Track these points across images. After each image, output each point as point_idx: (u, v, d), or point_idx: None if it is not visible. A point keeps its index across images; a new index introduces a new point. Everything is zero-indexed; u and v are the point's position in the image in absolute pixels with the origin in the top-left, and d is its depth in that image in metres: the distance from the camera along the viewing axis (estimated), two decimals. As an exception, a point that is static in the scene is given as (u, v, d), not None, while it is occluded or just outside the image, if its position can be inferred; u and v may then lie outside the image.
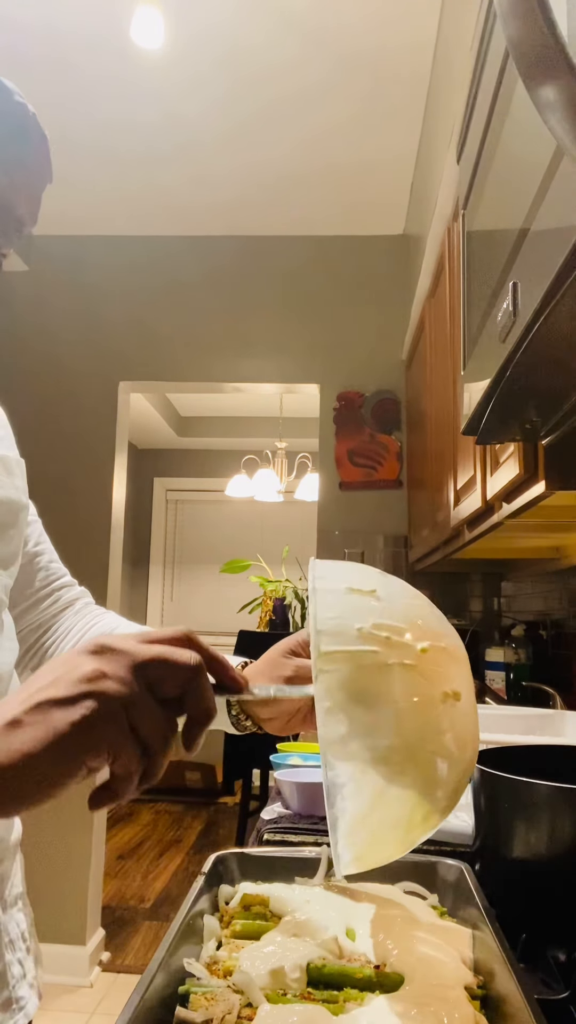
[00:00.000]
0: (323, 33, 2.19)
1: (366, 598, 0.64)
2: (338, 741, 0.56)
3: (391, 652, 0.60)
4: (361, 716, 0.57)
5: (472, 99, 1.00)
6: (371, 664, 0.59)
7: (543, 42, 0.42)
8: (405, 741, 0.57)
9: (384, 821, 0.56)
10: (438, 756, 0.59)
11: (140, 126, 2.64)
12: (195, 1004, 0.62)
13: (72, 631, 0.93)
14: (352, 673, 0.58)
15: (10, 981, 0.77)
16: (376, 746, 0.56)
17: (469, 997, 0.63)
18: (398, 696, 0.59)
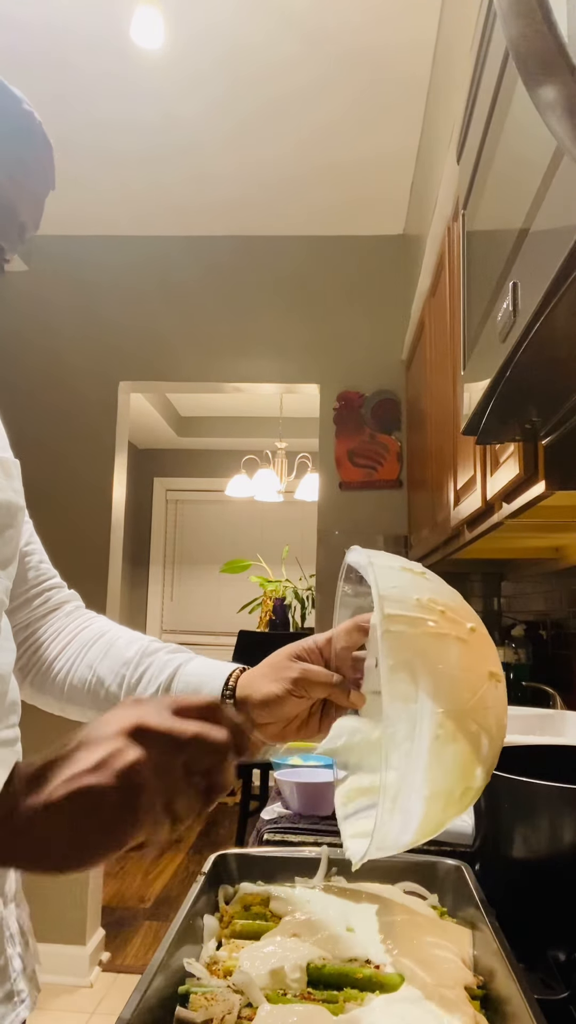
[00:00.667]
0: (323, 32, 2.19)
1: (418, 577, 0.67)
2: (400, 698, 0.57)
3: (447, 624, 0.62)
4: (422, 678, 0.58)
5: (472, 99, 1.00)
6: (431, 632, 0.60)
7: (543, 42, 0.42)
8: (459, 709, 0.58)
9: (434, 789, 0.57)
10: (483, 731, 0.60)
11: (140, 126, 2.64)
12: (195, 1004, 0.62)
13: (62, 633, 0.92)
14: (414, 637, 0.60)
15: (11, 975, 0.78)
16: (434, 711, 0.57)
17: (469, 997, 0.63)
18: (454, 665, 0.60)
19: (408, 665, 0.58)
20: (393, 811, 0.56)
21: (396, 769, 0.56)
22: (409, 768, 0.56)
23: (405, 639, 0.59)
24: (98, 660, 0.87)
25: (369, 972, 0.67)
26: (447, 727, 0.57)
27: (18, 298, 3.32)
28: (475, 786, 0.60)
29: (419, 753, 0.56)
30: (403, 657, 0.58)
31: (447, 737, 0.57)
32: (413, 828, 0.58)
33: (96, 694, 0.85)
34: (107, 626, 0.94)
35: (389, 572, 0.65)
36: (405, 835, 0.59)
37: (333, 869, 0.87)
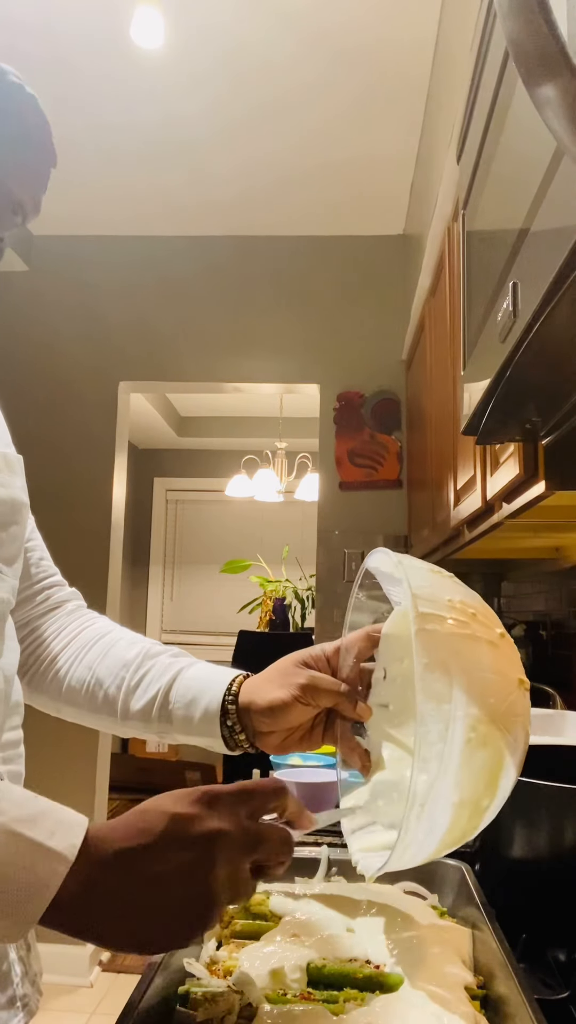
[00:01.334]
0: (322, 32, 2.19)
1: (447, 579, 0.65)
2: (435, 697, 0.55)
3: (479, 627, 0.60)
4: (456, 678, 0.56)
5: (472, 99, 1.00)
6: (463, 633, 0.59)
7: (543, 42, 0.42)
8: (490, 713, 0.57)
9: (463, 796, 0.56)
10: (511, 739, 0.58)
11: (140, 125, 2.64)
12: (195, 1004, 0.62)
13: (62, 632, 0.91)
14: (448, 636, 0.58)
15: (13, 979, 0.77)
16: (468, 712, 0.56)
17: (469, 997, 0.63)
18: (486, 667, 0.58)
19: (443, 664, 0.56)
20: (421, 816, 0.54)
21: (427, 772, 0.54)
22: (440, 771, 0.54)
23: (439, 638, 0.57)
24: (97, 661, 0.86)
25: (369, 972, 0.67)
26: (479, 731, 0.56)
27: (18, 298, 3.32)
28: (498, 797, 0.58)
29: (451, 755, 0.55)
30: (437, 656, 0.56)
31: (479, 741, 0.56)
32: (437, 837, 0.56)
33: (94, 696, 0.84)
34: (108, 627, 0.92)
35: (420, 572, 0.64)
36: (428, 845, 0.57)
37: (333, 869, 0.87)
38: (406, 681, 0.72)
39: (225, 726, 0.76)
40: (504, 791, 0.58)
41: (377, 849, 0.66)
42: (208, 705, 0.77)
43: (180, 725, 0.79)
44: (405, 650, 0.72)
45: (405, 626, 0.72)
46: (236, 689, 0.77)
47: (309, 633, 4.18)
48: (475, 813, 0.57)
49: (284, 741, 0.76)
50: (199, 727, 0.77)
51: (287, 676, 0.75)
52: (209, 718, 0.76)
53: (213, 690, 0.78)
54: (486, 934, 0.70)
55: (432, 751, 0.54)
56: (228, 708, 0.76)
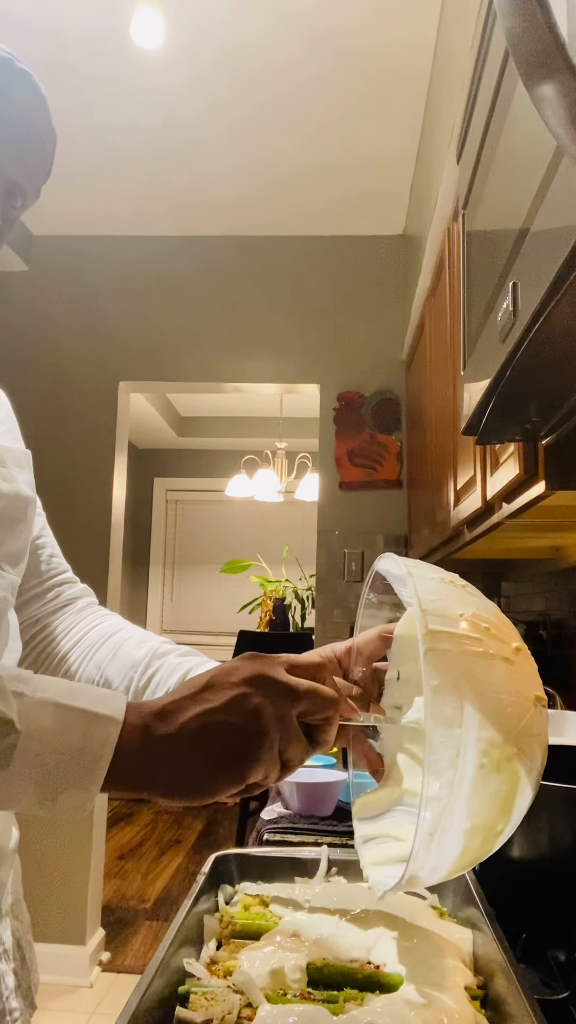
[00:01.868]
0: (322, 31, 2.19)
1: (459, 590, 0.63)
2: (445, 723, 0.53)
3: (492, 644, 0.58)
4: (468, 701, 0.54)
5: (472, 99, 1.00)
6: (476, 652, 0.57)
7: (543, 42, 0.42)
8: (504, 736, 0.55)
9: (475, 823, 0.54)
10: (527, 760, 0.56)
11: (140, 125, 2.64)
12: (195, 1004, 0.61)
13: (73, 630, 0.90)
14: (459, 656, 0.56)
15: (3, 992, 0.76)
16: (480, 737, 0.54)
17: (469, 997, 0.63)
18: (500, 688, 0.56)
19: (454, 687, 0.54)
20: (430, 844, 0.53)
21: (437, 800, 0.52)
22: (451, 799, 0.53)
23: (450, 658, 0.55)
24: (106, 661, 0.85)
25: (369, 972, 0.66)
26: (492, 756, 0.54)
27: (18, 298, 3.32)
28: (513, 819, 0.57)
29: (462, 783, 0.53)
30: (448, 678, 0.54)
31: (491, 766, 0.54)
32: (448, 864, 0.55)
33: None
34: (118, 625, 0.91)
35: (430, 584, 0.61)
36: (439, 871, 0.56)
37: (333, 869, 0.87)
38: (420, 682, 0.72)
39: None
40: (520, 812, 0.57)
41: (389, 862, 0.65)
42: None
43: None
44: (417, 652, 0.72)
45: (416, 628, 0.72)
46: None
47: (309, 633, 4.18)
48: (489, 837, 0.56)
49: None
50: None
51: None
52: None
53: None
54: (486, 934, 0.70)
55: (443, 779, 0.52)
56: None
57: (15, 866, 0.86)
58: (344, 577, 3.11)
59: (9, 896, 0.82)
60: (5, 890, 0.81)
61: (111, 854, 4.19)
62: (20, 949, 0.80)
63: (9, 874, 0.83)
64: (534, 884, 0.83)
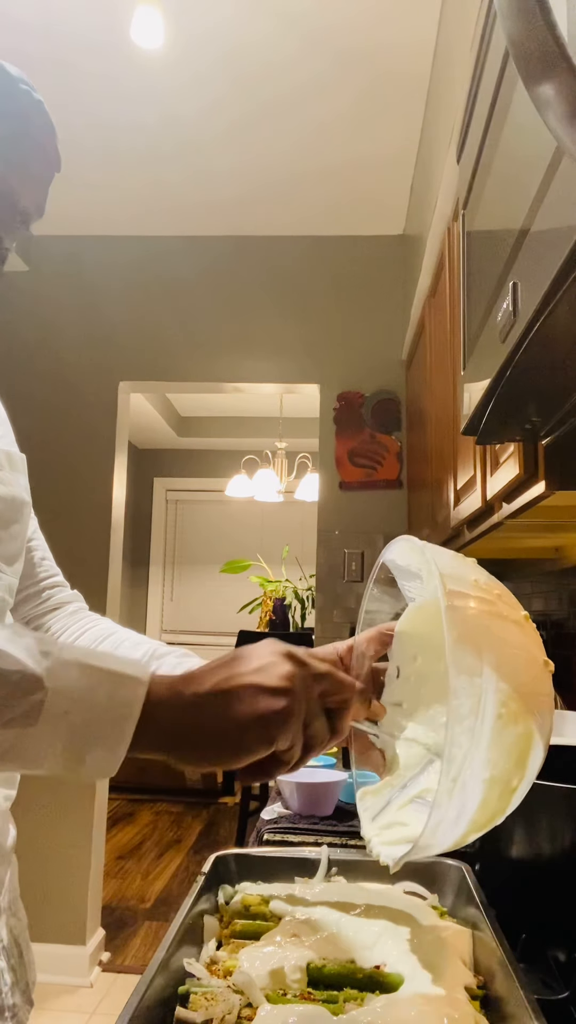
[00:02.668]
0: (322, 31, 2.19)
1: (470, 563, 0.67)
2: (466, 671, 0.55)
3: (504, 608, 0.61)
4: (486, 652, 0.57)
5: (472, 99, 1.00)
6: (491, 611, 0.60)
7: (543, 42, 0.42)
8: (519, 690, 0.57)
9: (494, 773, 0.56)
10: (539, 717, 0.58)
11: (140, 125, 2.64)
12: (195, 1004, 0.61)
13: (65, 633, 0.90)
14: (477, 613, 0.59)
15: (2, 988, 0.76)
16: (499, 687, 0.56)
17: (469, 997, 0.63)
18: (515, 644, 0.59)
19: (473, 638, 0.56)
20: (453, 791, 0.54)
21: (460, 746, 0.54)
22: (472, 746, 0.54)
23: (468, 614, 0.58)
24: None
25: (369, 972, 0.66)
26: (510, 707, 0.56)
27: (18, 298, 3.32)
28: (527, 777, 0.58)
29: (483, 731, 0.55)
30: (467, 629, 0.57)
31: (509, 717, 0.56)
32: (468, 816, 0.56)
33: None
34: (112, 628, 0.91)
35: (444, 555, 0.65)
36: (459, 825, 0.57)
37: (333, 869, 0.87)
38: (420, 679, 0.72)
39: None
40: (533, 771, 0.59)
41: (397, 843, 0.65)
42: None
43: None
44: (419, 648, 0.72)
45: (420, 623, 0.73)
46: None
47: (309, 633, 4.18)
48: (505, 792, 0.57)
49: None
50: None
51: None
52: None
53: None
54: (486, 934, 0.70)
55: (464, 725, 0.54)
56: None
57: (12, 864, 0.86)
58: (344, 577, 3.11)
59: (7, 894, 0.82)
60: (3, 888, 0.81)
61: (111, 854, 4.19)
62: (18, 946, 0.81)
63: (7, 872, 0.83)
64: (534, 884, 0.83)
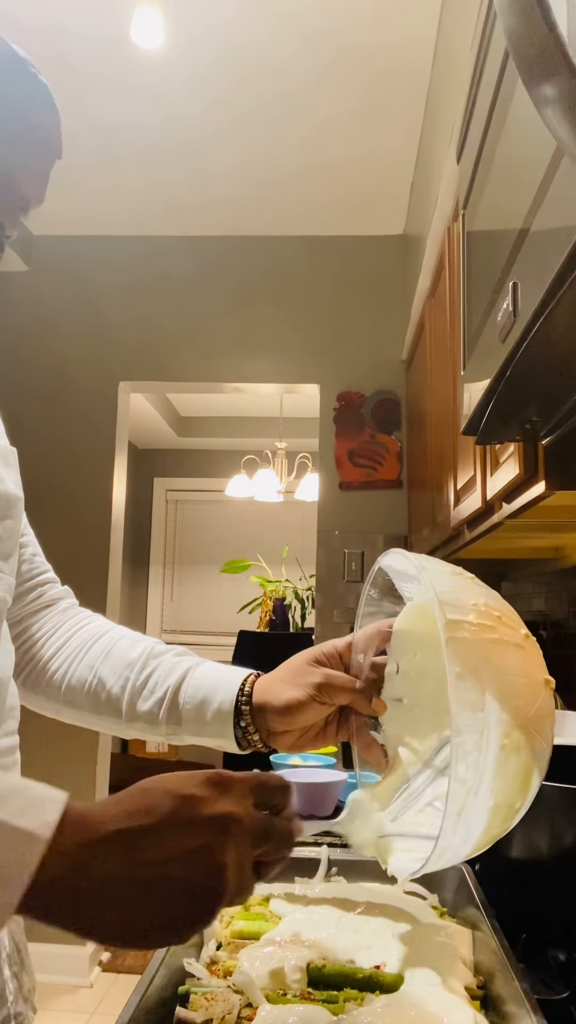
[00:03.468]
0: (322, 31, 2.19)
1: (468, 582, 0.65)
2: (469, 707, 0.55)
3: (504, 631, 0.60)
4: (488, 685, 0.56)
5: (472, 99, 1.00)
6: (491, 639, 0.59)
7: (543, 41, 0.42)
8: (521, 718, 0.57)
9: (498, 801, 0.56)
10: (541, 740, 0.59)
11: (140, 126, 2.64)
12: (195, 1004, 0.61)
13: (59, 631, 0.88)
14: (477, 643, 0.58)
15: (7, 997, 0.75)
16: (501, 720, 0.56)
17: (469, 997, 0.63)
18: (515, 671, 0.59)
19: (475, 672, 0.56)
20: (457, 824, 0.55)
21: (464, 781, 0.54)
22: (476, 779, 0.55)
23: (469, 645, 0.57)
24: (99, 660, 0.83)
25: (369, 972, 0.66)
26: (512, 737, 0.56)
27: (18, 298, 3.32)
28: (530, 797, 0.59)
29: (486, 764, 0.55)
30: (469, 664, 0.56)
31: (512, 747, 0.56)
32: (473, 841, 0.57)
33: (96, 696, 0.81)
34: (107, 625, 0.89)
35: (442, 576, 0.63)
36: (464, 848, 0.57)
37: (333, 869, 0.87)
38: (419, 675, 0.73)
39: (238, 727, 0.75)
40: (535, 789, 0.59)
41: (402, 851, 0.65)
42: (220, 705, 0.75)
43: (191, 726, 0.77)
44: (417, 645, 0.73)
45: (418, 621, 0.73)
46: (249, 689, 0.76)
47: (309, 633, 4.18)
48: (508, 815, 0.58)
49: (298, 740, 0.75)
50: (211, 728, 0.76)
51: (301, 675, 0.74)
52: (222, 719, 0.75)
53: (225, 690, 0.76)
54: (486, 934, 0.70)
55: (468, 760, 0.54)
56: (242, 709, 0.75)
57: None
58: (344, 577, 3.11)
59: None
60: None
61: (111, 854, 4.18)
62: (19, 952, 0.80)
63: None
64: (534, 884, 0.83)
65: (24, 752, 0.83)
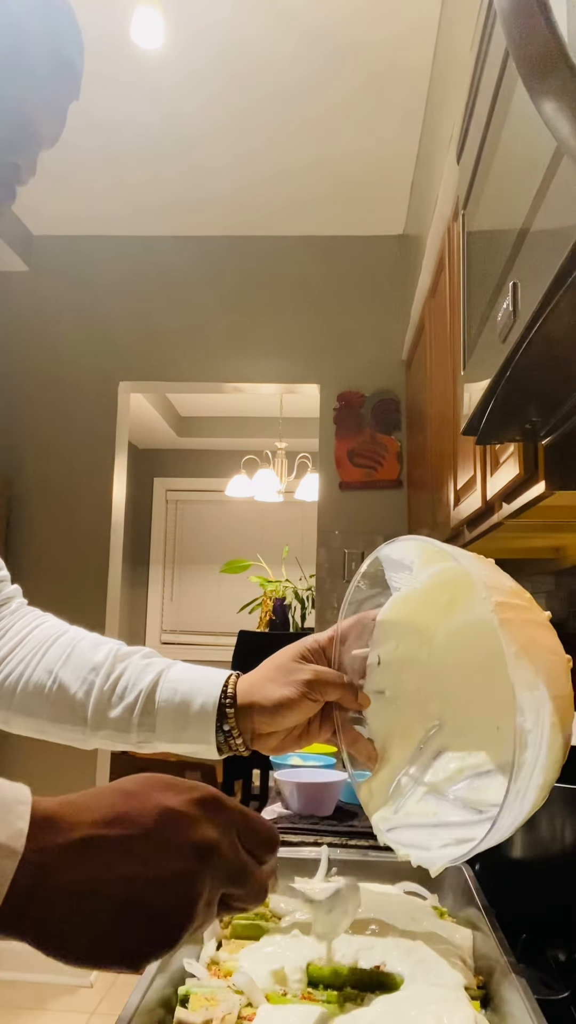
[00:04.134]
0: (322, 28, 2.19)
1: (493, 566, 0.66)
2: (527, 687, 0.55)
3: (537, 612, 0.62)
4: (539, 664, 0.57)
5: (472, 99, 1.00)
6: (531, 620, 0.60)
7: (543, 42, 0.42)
8: (561, 696, 0.58)
9: (546, 779, 0.57)
10: (571, 715, 0.60)
11: (140, 126, 2.64)
12: (195, 1005, 0.61)
13: (12, 630, 0.81)
14: (522, 624, 0.59)
15: None
16: (549, 697, 0.57)
17: (469, 997, 0.63)
18: (554, 650, 0.60)
19: (526, 652, 0.56)
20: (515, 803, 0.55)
21: (527, 762, 0.55)
22: (537, 757, 0.55)
23: (516, 626, 0.57)
24: (59, 663, 0.76)
25: (369, 972, 0.66)
26: (559, 712, 0.57)
27: (18, 298, 3.32)
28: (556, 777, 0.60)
29: (543, 741, 0.55)
30: (521, 644, 0.56)
31: (557, 725, 0.57)
32: (520, 820, 0.58)
33: (57, 703, 0.75)
34: (63, 625, 0.82)
35: (474, 561, 0.64)
36: (512, 828, 0.59)
37: (333, 869, 0.87)
38: (401, 666, 0.73)
39: (221, 730, 0.72)
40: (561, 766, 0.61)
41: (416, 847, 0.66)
42: (203, 707, 0.72)
43: (167, 731, 0.73)
44: (400, 635, 0.74)
45: (403, 612, 0.73)
46: (232, 690, 0.72)
47: (309, 633, 4.18)
48: (545, 793, 0.59)
49: (283, 741, 0.73)
50: (190, 732, 0.72)
51: (289, 673, 0.72)
52: (203, 721, 0.72)
53: (206, 691, 0.73)
54: (486, 934, 0.70)
55: (530, 739, 0.55)
56: (226, 711, 0.71)
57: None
58: (344, 577, 3.11)
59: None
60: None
61: (111, 854, 4.19)
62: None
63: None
64: (534, 884, 0.83)
65: (24, 751, 0.83)
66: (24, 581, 0.94)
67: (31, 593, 0.91)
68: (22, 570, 3.05)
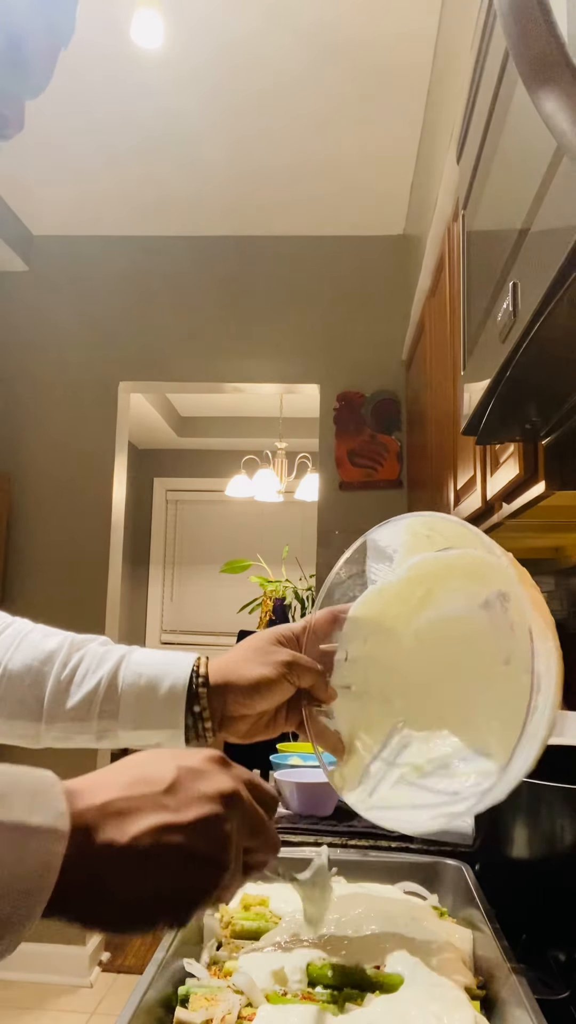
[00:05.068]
0: (321, 26, 2.19)
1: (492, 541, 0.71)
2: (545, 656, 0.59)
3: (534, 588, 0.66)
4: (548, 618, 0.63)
5: (472, 99, 1.00)
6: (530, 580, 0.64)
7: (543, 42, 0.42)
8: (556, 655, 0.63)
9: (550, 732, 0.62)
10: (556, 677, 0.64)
11: (140, 126, 2.64)
12: (195, 1005, 0.61)
13: None
14: (530, 582, 0.64)
15: None
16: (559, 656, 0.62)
17: (469, 997, 0.63)
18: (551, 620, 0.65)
19: (538, 605, 0.62)
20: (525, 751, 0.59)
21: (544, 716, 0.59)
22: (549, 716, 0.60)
23: (528, 583, 0.63)
24: (7, 655, 0.72)
25: (369, 972, 0.66)
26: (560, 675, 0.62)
27: (18, 298, 3.32)
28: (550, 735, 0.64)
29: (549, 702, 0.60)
30: (534, 598, 0.62)
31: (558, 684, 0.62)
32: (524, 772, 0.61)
33: (5, 697, 0.70)
34: (8, 618, 0.77)
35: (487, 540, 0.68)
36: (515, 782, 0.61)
37: (333, 869, 0.87)
38: (368, 662, 0.75)
39: (191, 712, 0.69)
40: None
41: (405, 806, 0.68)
42: (172, 688, 0.69)
43: (130, 716, 0.69)
44: (370, 631, 0.75)
45: (376, 608, 0.75)
46: (204, 672, 0.70)
47: (309, 633, 4.17)
48: (542, 749, 0.62)
49: (252, 727, 0.72)
50: (156, 716, 0.69)
51: (266, 654, 0.71)
52: (172, 703, 0.69)
53: (174, 673, 0.70)
54: (486, 934, 0.70)
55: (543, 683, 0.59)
56: (198, 691, 0.69)
57: None
58: (344, 577, 3.11)
59: None
60: None
61: (111, 854, 4.19)
62: None
63: None
64: (534, 884, 0.83)
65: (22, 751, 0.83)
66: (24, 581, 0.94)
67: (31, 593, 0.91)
68: (22, 570, 3.05)
